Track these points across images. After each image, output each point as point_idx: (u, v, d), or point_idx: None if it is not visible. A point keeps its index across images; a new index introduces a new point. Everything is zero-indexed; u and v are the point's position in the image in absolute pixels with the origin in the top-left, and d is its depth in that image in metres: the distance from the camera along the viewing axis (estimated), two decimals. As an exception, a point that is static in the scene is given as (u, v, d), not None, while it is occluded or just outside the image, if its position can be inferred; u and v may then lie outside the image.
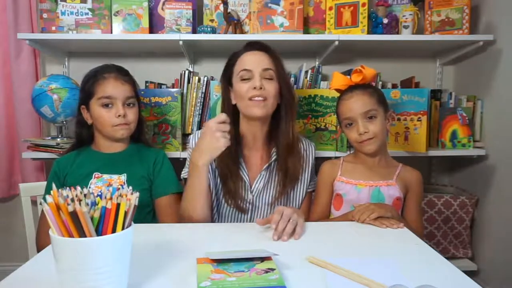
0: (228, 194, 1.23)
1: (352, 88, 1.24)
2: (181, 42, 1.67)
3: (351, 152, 1.43)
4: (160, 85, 1.82)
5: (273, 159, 1.26)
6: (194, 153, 1.10)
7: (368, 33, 1.75)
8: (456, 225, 1.85)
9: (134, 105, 1.30)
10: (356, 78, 1.26)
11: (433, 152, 1.75)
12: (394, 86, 1.92)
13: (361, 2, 1.70)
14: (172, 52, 1.91)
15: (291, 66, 1.92)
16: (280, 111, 1.25)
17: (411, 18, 1.74)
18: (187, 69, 1.78)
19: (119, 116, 1.24)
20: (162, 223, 1.26)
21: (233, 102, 1.25)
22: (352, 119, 1.21)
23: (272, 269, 0.71)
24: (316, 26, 1.84)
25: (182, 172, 1.31)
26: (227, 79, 1.27)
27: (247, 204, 1.26)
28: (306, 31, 1.81)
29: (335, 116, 1.66)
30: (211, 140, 1.05)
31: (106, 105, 1.25)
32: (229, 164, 1.22)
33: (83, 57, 1.97)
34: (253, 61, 1.20)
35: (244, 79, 1.20)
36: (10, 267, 0.84)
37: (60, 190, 0.61)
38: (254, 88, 1.16)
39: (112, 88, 1.25)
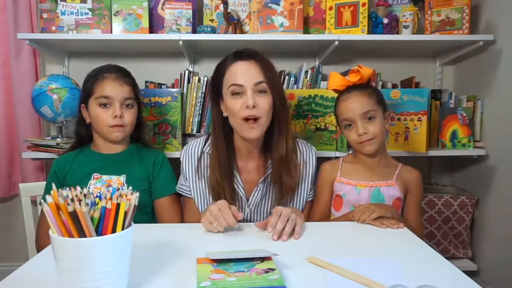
0: None
1: (350, 88, 1.24)
2: (181, 42, 1.67)
3: (351, 152, 1.43)
4: (160, 85, 1.82)
5: (269, 171, 1.20)
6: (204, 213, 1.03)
7: (368, 33, 1.75)
8: (456, 225, 1.85)
9: (132, 106, 1.30)
10: (353, 78, 1.26)
11: (433, 152, 1.75)
12: (394, 86, 1.91)
13: (361, 2, 1.70)
14: (172, 52, 1.91)
15: (291, 66, 1.92)
16: (273, 123, 1.18)
17: (411, 18, 1.74)
18: (187, 69, 1.78)
19: (115, 117, 1.24)
20: (162, 223, 1.27)
21: (224, 114, 1.18)
22: (351, 120, 1.21)
23: (272, 269, 0.71)
24: (316, 26, 1.84)
25: (177, 186, 1.30)
26: (216, 91, 1.19)
27: (243, 220, 1.20)
28: (306, 31, 1.81)
29: (335, 116, 1.67)
30: (205, 221, 0.99)
31: (103, 105, 1.25)
32: (220, 181, 1.16)
33: (83, 57, 1.97)
34: (244, 74, 1.11)
35: (235, 94, 1.12)
36: (10, 267, 0.84)
37: (60, 190, 0.61)
38: (247, 106, 1.09)
39: (111, 88, 1.25)
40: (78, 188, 0.64)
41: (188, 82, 1.75)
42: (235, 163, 1.22)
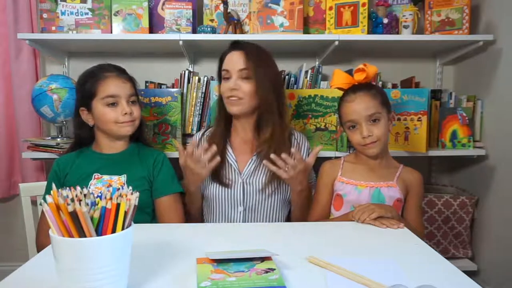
0: (212, 175, 1.28)
1: (355, 88, 1.23)
2: (181, 42, 1.67)
3: (352, 152, 1.43)
4: (160, 85, 1.82)
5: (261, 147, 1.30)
6: (185, 179, 1.27)
7: (368, 33, 1.75)
8: (456, 225, 1.85)
9: (136, 102, 1.31)
10: (359, 77, 1.25)
11: (433, 152, 1.75)
12: (394, 86, 1.91)
13: (361, 2, 1.70)
14: (172, 52, 1.91)
15: (291, 66, 1.92)
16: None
17: (411, 18, 1.74)
18: (187, 69, 1.78)
19: (125, 114, 1.25)
20: (162, 223, 1.27)
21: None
22: (356, 122, 1.20)
23: (272, 269, 0.71)
24: (316, 26, 1.84)
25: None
26: (219, 76, 1.36)
27: (235, 191, 1.29)
28: (306, 31, 1.81)
29: (335, 116, 1.67)
30: (191, 175, 1.20)
31: (111, 104, 1.25)
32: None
33: (83, 57, 1.97)
34: (231, 62, 1.28)
35: (224, 78, 1.30)
36: (10, 267, 0.84)
37: (60, 190, 0.61)
38: (229, 88, 1.26)
39: (116, 86, 1.25)
40: (78, 188, 0.64)
41: (188, 82, 1.75)
42: (230, 140, 1.36)
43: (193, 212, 1.36)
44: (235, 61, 1.27)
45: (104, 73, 1.26)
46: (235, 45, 1.32)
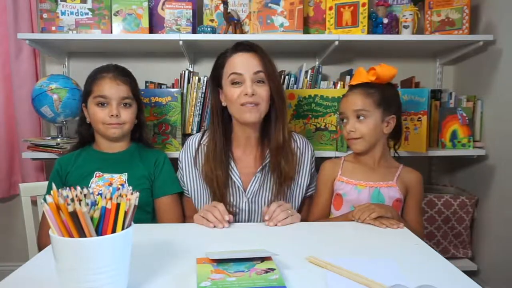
0: (215, 200, 1.19)
1: (356, 85, 1.25)
2: (181, 42, 1.67)
3: (352, 152, 1.43)
4: (160, 85, 1.82)
5: (267, 160, 1.23)
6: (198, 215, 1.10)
7: (368, 33, 1.75)
8: (456, 225, 1.85)
9: (130, 105, 1.29)
10: (371, 77, 1.24)
11: (433, 152, 1.75)
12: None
13: (361, 2, 1.70)
14: (172, 52, 1.91)
15: (291, 66, 1.92)
16: (271, 113, 1.22)
17: (411, 18, 1.74)
18: (187, 69, 1.78)
19: (111, 116, 1.24)
20: (162, 223, 1.27)
21: (223, 104, 1.22)
22: (345, 116, 1.24)
23: (272, 269, 0.71)
24: (316, 26, 1.84)
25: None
26: (216, 81, 1.24)
27: (240, 210, 1.23)
28: (306, 31, 1.81)
29: (335, 116, 1.68)
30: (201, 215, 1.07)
31: (101, 104, 1.25)
32: (214, 169, 1.19)
33: (83, 57, 1.97)
34: (244, 64, 1.16)
35: (234, 83, 1.17)
36: (10, 267, 0.84)
37: (60, 190, 0.61)
38: (246, 94, 1.14)
39: (108, 88, 1.25)
40: (78, 188, 0.64)
41: (188, 82, 1.75)
42: (232, 153, 1.24)
43: None
44: (248, 63, 1.16)
45: (102, 73, 1.28)
46: (242, 46, 1.19)
